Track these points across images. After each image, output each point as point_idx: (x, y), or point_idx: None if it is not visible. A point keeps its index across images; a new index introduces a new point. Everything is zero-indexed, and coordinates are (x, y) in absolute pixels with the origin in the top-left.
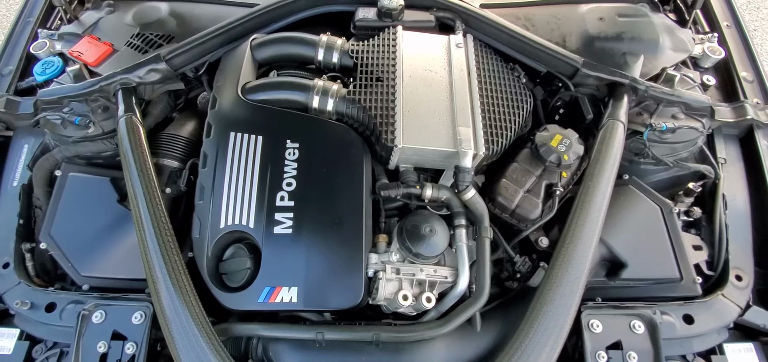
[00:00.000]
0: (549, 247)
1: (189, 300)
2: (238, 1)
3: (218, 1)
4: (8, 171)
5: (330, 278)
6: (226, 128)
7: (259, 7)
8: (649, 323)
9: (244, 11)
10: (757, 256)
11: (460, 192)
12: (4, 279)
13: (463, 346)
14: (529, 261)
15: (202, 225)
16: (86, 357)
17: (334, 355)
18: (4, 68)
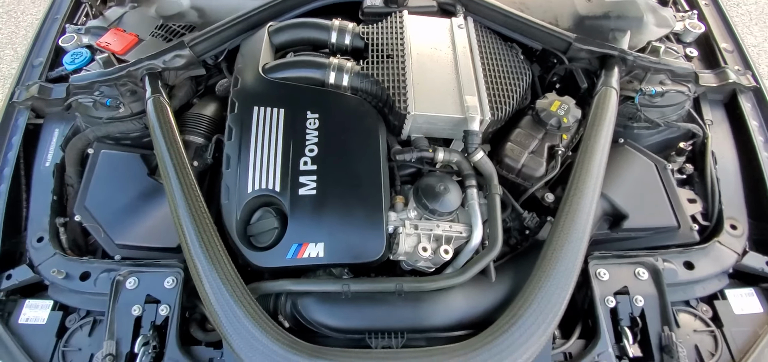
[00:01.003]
0: (554, 203)
1: (221, 260)
2: None
3: None
4: (40, 153)
5: (353, 233)
6: (249, 103)
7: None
8: (652, 269)
9: (261, 1)
10: (749, 209)
11: (469, 155)
12: (39, 251)
13: (480, 295)
14: (536, 216)
15: (230, 192)
16: (121, 320)
17: (359, 306)
18: (34, 59)
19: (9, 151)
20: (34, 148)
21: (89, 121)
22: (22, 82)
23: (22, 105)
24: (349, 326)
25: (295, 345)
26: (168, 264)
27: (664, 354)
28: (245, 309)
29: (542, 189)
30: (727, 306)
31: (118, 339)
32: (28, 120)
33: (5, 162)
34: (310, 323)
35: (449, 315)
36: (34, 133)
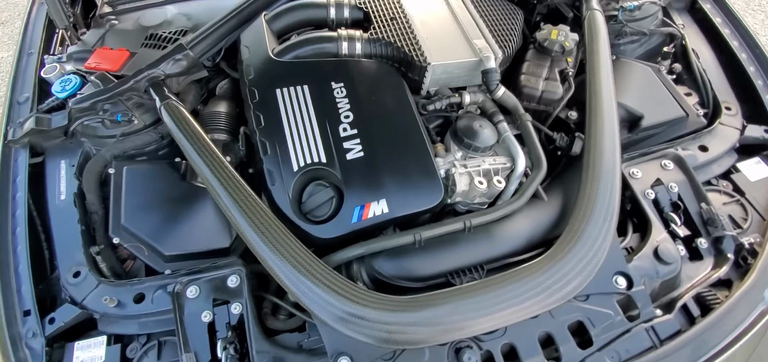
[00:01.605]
0: (578, 118)
1: (288, 243)
2: None
3: None
4: (50, 189)
5: (410, 184)
6: (270, 87)
7: None
8: (675, 158)
9: None
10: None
11: (491, 93)
12: (79, 286)
13: (539, 216)
14: (565, 135)
15: (275, 175)
16: (192, 330)
17: (434, 253)
18: (19, 97)
19: (16, 192)
20: (41, 187)
21: (99, 142)
22: (12, 121)
23: (19, 143)
24: (430, 273)
25: (404, 304)
26: (225, 264)
27: (709, 227)
28: (332, 286)
29: (563, 110)
30: (743, 177)
31: (195, 350)
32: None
33: (15, 204)
34: (392, 280)
35: (518, 240)
36: (36, 172)
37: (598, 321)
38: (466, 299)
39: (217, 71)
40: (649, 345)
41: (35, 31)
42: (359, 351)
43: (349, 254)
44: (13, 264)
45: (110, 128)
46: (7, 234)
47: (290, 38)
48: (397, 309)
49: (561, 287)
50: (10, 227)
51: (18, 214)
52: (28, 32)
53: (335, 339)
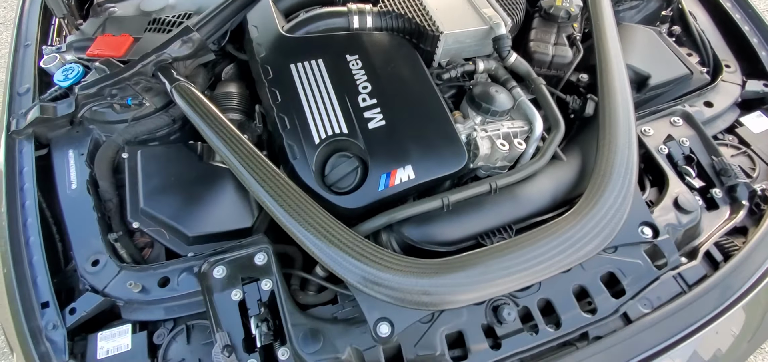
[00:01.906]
0: (589, 80)
1: (316, 215)
2: None
3: None
4: (59, 180)
5: (434, 150)
6: (284, 63)
7: None
8: (684, 115)
9: None
10: (733, 51)
11: (504, 59)
12: (99, 275)
13: (560, 175)
14: (577, 98)
15: (296, 149)
16: (223, 310)
17: (462, 216)
18: (19, 88)
19: (24, 183)
20: (48, 178)
21: (108, 128)
22: (15, 113)
23: (23, 134)
24: (459, 236)
25: (440, 266)
26: (250, 242)
27: (722, 177)
28: (368, 255)
29: (574, 74)
30: (747, 130)
31: (227, 330)
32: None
33: (24, 195)
34: (422, 246)
35: (542, 200)
36: (42, 165)
37: (629, 271)
38: (499, 257)
39: (223, 55)
40: (679, 291)
41: (30, 23)
42: (398, 315)
43: (378, 222)
44: (26, 256)
45: (121, 112)
46: (18, 226)
47: (298, 16)
48: (434, 272)
49: (590, 240)
50: (21, 219)
51: (27, 205)
52: (22, 24)
53: (374, 306)
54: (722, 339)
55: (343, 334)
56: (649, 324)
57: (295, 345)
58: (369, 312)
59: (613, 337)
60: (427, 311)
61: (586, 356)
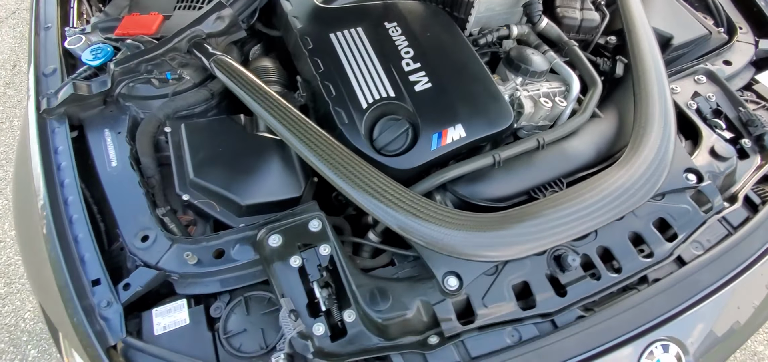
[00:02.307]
0: (617, 42)
1: (379, 179)
2: None
3: None
4: (99, 161)
5: (481, 109)
6: (324, 33)
7: None
8: (707, 73)
9: None
10: (743, 14)
11: (535, 25)
12: (150, 250)
13: (600, 131)
14: (607, 59)
15: (344, 114)
16: (284, 277)
17: (513, 171)
18: (45, 69)
19: (61, 162)
20: (84, 159)
21: (145, 104)
22: (43, 93)
23: (55, 113)
24: (513, 191)
25: (502, 219)
26: (303, 210)
27: (749, 127)
28: (434, 214)
29: (602, 37)
30: (763, 86)
31: (289, 296)
32: None
33: (62, 174)
34: (477, 203)
35: (587, 154)
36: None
37: (678, 216)
38: (557, 207)
39: (252, 34)
40: (725, 233)
41: (48, 6)
42: (465, 268)
43: (434, 181)
44: (71, 234)
45: (160, 87)
46: (59, 205)
47: None
48: (497, 225)
49: (640, 187)
50: (61, 198)
51: (67, 184)
52: (40, 7)
53: (440, 261)
54: (742, 312)
55: (409, 291)
56: (702, 265)
57: (362, 305)
58: (436, 267)
59: (671, 278)
60: (492, 263)
61: (647, 297)
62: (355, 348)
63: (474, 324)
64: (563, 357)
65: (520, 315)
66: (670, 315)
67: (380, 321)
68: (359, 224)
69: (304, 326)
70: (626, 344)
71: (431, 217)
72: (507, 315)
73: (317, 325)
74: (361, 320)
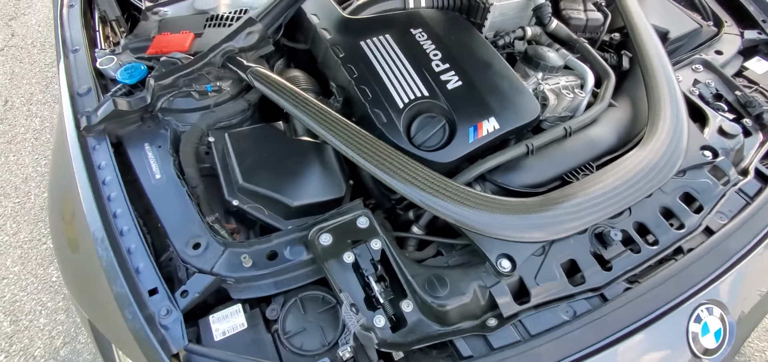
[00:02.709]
0: (621, 38)
1: (426, 173)
2: None
3: None
4: (142, 175)
5: (510, 102)
6: (355, 42)
7: None
8: (702, 62)
9: None
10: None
11: (545, 26)
12: (204, 257)
13: (618, 117)
14: (613, 55)
15: (382, 114)
16: (340, 273)
17: (546, 158)
18: (79, 88)
19: (105, 176)
20: (125, 174)
21: (183, 118)
22: (80, 111)
23: (94, 131)
24: (547, 177)
25: (546, 202)
26: (349, 209)
27: (748, 108)
28: (483, 203)
29: (607, 35)
30: (752, 72)
31: (347, 290)
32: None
33: (108, 188)
34: (516, 189)
35: (610, 139)
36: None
37: (701, 190)
38: (592, 188)
39: (276, 49)
40: (744, 203)
41: (73, 31)
42: (515, 250)
43: (474, 172)
44: (124, 246)
45: (201, 99)
46: (109, 219)
47: (350, 2)
48: (540, 208)
49: (664, 165)
50: (110, 212)
51: (114, 197)
52: (65, 31)
53: (492, 245)
54: (748, 302)
55: (464, 277)
56: (730, 232)
57: (420, 294)
58: (489, 251)
59: (704, 247)
60: (539, 243)
61: (685, 266)
62: (416, 336)
63: (530, 303)
64: (618, 327)
65: (572, 291)
66: (709, 281)
67: (439, 308)
68: (398, 220)
69: (365, 319)
70: (674, 310)
71: (481, 205)
72: (559, 292)
73: (377, 317)
74: (419, 308)
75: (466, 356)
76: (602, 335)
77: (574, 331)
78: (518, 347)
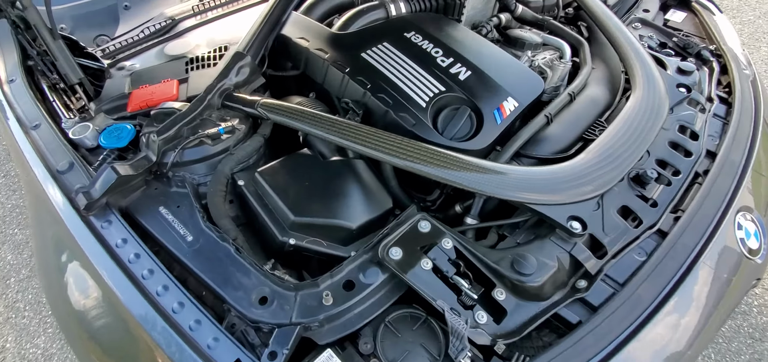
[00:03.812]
0: (575, 11)
1: (476, 162)
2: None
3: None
4: (170, 242)
5: (519, 80)
6: (355, 55)
7: None
8: (639, 20)
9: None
10: None
11: (512, 12)
12: (277, 310)
13: (601, 76)
14: (572, 27)
15: (409, 115)
16: (425, 282)
17: (561, 125)
18: (58, 166)
19: (132, 250)
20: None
21: (195, 170)
22: (71, 190)
23: (96, 208)
24: (571, 139)
25: (589, 158)
26: (406, 216)
27: (688, 49)
28: (534, 177)
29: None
30: (673, 22)
31: (437, 297)
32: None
33: (142, 263)
34: (549, 157)
35: (604, 95)
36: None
37: (689, 119)
38: (617, 137)
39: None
40: (722, 123)
41: (24, 106)
42: (577, 211)
43: (511, 150)
44: (183, 324)
45: (216, 144)
46: (155, 300)
47: (332, 21)
48: (584, 167)
49: (658, 106)
50: (152, 291)
51: (152, 272)
52: (15, 110)
53: (558, 212)
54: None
55: (541, 249)
56: (727, 150)
57: (510, 277)
58: (559, 217)
59: (715, 167)
60: (594, 198)
61: (710, 185)
62: (522, 319)
63: (608, 254)
64: (690, 249)
65: (638, 233)
66: (733, 191)
67: (533, 285)
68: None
69: (471, 319)
70: (722, 220)
71: (535, 180)
72: (627, 237)
73: (478, 314)
74: (512, 292)
75: (575, 323)
76: (680, 262)
77: (658, 266)
78: (618, 298)
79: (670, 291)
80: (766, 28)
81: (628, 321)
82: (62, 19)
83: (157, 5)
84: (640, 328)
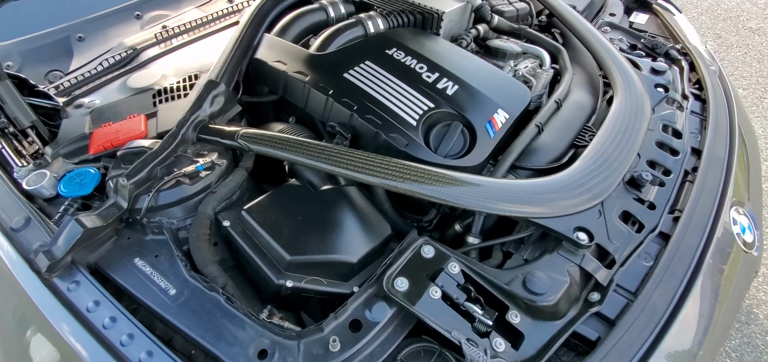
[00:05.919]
0: (548, 18)
1: (475, 180)
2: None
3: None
4: (149, 297)
5: (506, 91)
6: (337, 76)
7: (254, 7)
8: (608, 24)
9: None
10: None
11: (489, 23)
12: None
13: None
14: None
15: (400, 137)
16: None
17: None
18: (12, 223)
19: (107, 314)
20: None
21: (171, 213)
22: (29, 250)
23: (59, 268)
24: (563, 148)
25: (585, 164)
26: (408, 243)
27: (656, 50)
28: (534, 191)
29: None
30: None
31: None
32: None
33: (120, 327)
34: (544, 167)
35: (588, 99)
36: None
37: (670, 118)
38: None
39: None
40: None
41: None
42: (581, 221)
43: (506, 164)
44: None
45: (195, 183)
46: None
47: (309, 41)
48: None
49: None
50: (133, 359)
51: (132, 337)
52: None
53: (562, 224)
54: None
55: (551, 265)
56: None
57: (523, 298)
58: (565, 230)
59: (703, 164)
60: (596, 206)
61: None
62: (541, 341)
63: (617, 262)
64: (694, 249)
65: (641, 238)
66: (723, 186)
67: (547, 304)
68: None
69: (490, 349)
70: (719, 217)
71: (537, 193)
72: (632, 243)
73: (495, 341)
74: (527, 313)
75: (595, 340)
76: (687, 264)
77: (667, 268)
78: (634, 308)
79: (682, 295)
80: (709, 24)
81: (648, 332)
82: (8, 56)
83: (114, 35)
84: (660, 338)
